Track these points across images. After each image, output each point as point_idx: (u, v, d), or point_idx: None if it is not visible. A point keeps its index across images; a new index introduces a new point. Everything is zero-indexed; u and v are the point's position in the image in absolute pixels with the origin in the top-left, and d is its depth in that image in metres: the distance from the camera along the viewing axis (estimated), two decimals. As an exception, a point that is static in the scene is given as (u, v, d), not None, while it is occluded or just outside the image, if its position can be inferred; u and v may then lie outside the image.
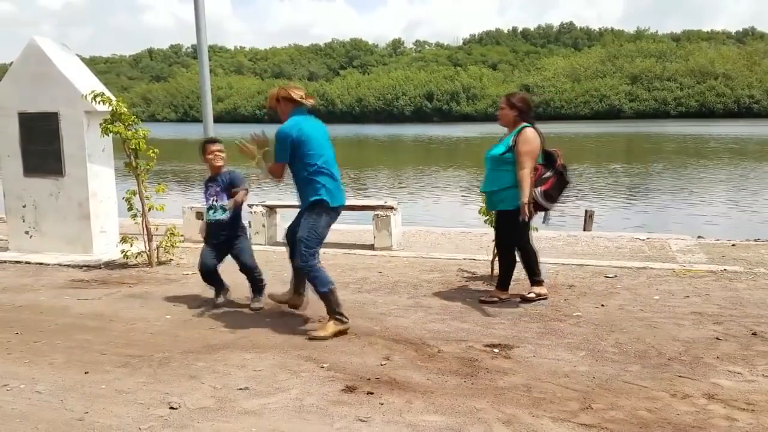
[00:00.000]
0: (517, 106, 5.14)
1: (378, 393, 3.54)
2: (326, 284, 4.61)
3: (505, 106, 5.20)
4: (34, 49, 7.11)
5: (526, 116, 5.18)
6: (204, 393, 3.58)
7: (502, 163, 5.12)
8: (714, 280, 5.89)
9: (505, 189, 5.12)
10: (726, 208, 15.12)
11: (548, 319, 4.85)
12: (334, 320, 4.56)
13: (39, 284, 6.17)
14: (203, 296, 5.64)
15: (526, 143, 5.00)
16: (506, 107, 5.18)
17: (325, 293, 4.60)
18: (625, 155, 34.18)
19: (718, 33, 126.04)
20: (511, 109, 5.15)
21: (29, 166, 7.29)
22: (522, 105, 5.17)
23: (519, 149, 5.00)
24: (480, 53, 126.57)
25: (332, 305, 4.58)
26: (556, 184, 5.11)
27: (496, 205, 5.24)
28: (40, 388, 3.71)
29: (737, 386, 3.58)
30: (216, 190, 5.37)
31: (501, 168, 5.13)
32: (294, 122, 4.62)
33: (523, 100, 5.22)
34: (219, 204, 5.35)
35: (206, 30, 8.35)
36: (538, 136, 5.08)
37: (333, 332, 4.50)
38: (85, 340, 4.52)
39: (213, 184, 5.40)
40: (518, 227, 5.15)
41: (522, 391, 3.55)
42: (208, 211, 5.41)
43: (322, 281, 4.61)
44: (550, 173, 5.12)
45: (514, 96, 5.26)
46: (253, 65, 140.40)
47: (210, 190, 5.40)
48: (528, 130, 5.07)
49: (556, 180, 5.12)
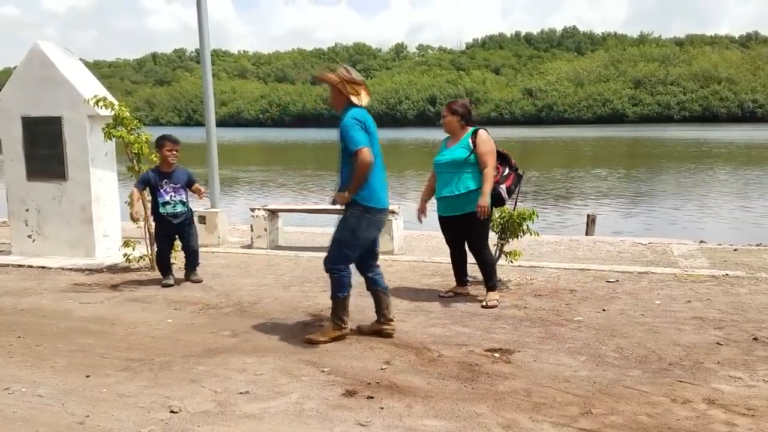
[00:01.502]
0: (459, 112, 5.41)
1: (378, 397, 3.55)
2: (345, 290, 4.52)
3: (447, 113, 5.45)
4: (38, 53, 7.14)
5: (469, 120, 5.45)
6: (204, 397, 3.58)
7: (466, 166, 5.28)
8: (716, 285, 5.88)
9: (473, 191, 5.27)
10: (728, 213, 15.10)
11: (549, 323, 4.85)
12: (333, 324, 4.52)
13: (41, 288, 6.19)
14: (205, 300, 5.65)
15: (486, 143, 5.30)
16: (449, 114, 5.44)
17: (338, 298, 4.54)
18: (628, 159, 34.14)
19: (721, 37, 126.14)
20: (453, 115, 5.41)
21: (32, 170, 7.32)
22: (463, 110, 5.44)
23: (481, 150, 5.27)
24: (483, 57, 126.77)
25: (339, 311, 4.52)
26: (515, 180, 5.51)
27: (464, 208, 5.33)
28: (41, 392, 3.72)
29: (738, 391, 3.58)
30: (173, 187, 6.14)
31: (465, 171, 5.29)
32: (360, 113, 4.34)
33: (464, 105, 5.51)
34: (178, 199, 6.17)
35: (209, 34, 8.37)
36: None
37: (330, 337, 4.47)
38: (86, 344, 4.53)
39: (165, 181, 6.12)
40: (486, 228, 5.49)
41: (522, 396, 3.55)
42: (164, 205, 6.12)
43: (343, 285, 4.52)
44: (508, 171, 5.49)
45: (455, 103, 5.52)
46: (256, 69, 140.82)
47: (165, 186, 6.11)
48: (482, 131, 5.36)
49: (515, 176, 5.52)
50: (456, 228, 5.52)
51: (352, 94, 4.35)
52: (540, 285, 6.02)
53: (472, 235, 5.43)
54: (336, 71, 4.40)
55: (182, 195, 6.19)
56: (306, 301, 5.56)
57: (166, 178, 6.13)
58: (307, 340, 4.47)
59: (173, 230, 6.24)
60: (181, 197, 6.18)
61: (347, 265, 4.50)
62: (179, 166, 6.26)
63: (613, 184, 21.58)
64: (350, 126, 4.23)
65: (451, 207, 5.42)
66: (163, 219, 6.16)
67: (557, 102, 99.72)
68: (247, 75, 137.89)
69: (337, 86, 4.35)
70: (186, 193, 6.25)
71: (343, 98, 4.38)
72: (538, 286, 5.99)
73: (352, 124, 4.23)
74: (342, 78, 4.34)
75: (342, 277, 4.48)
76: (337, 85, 4.35)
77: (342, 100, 4.39)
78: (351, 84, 4.35)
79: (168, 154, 6.12)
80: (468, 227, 5.39)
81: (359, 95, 4.37)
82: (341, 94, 4.37)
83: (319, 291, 5.90)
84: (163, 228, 6.22)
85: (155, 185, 6.11)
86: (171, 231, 6.24)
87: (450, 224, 5.54)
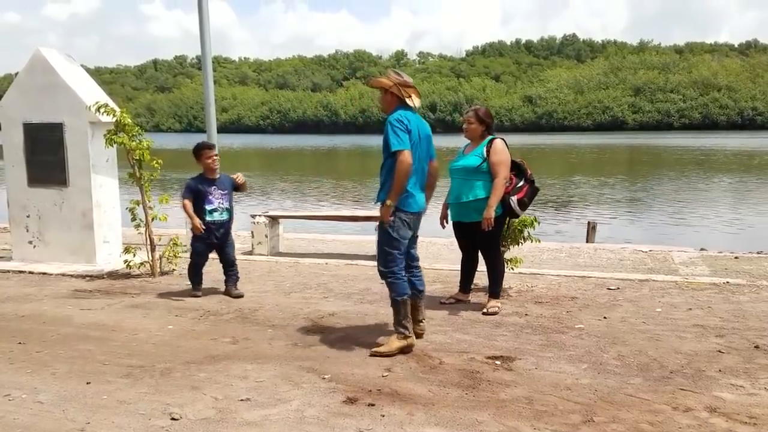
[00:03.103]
0: (486, 122, 5.38)
1: (379, 405, 3.54)
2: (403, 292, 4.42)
3: (474, 120, 5.39)
4: (40, 59, 7.16)
5: (491, 129, 5.45)
6: (205, 404, 3.58)
7: (478, 174, 5.26)
8: (716, 293, 5.88)
9: (481, 199, 5.25)
10: (729, 221, 15.10)
11: (550, 331, 4.85)
12: (398, 334, 4.36)
13: (42, 294, 6.19)
14: (206, 307, 5.64)
15: (499, 153, 5.24)
16: (475, 122, 5.38)
17: (397, 302, 4.41)
18: (628, 167, 34.17)
19: (721, 45, 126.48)
20: (480, 124, 5.38)
21: (33, 176, 7.32)
22: (489, 120, 5.42)
23: (493, 159, 5.22)
24: (483, 65, 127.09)
25: (401, 318, 4.40)
26: (529, 192, 5.41)
27: (471, 216, 5.31)
28: (42, 398, 3.71)
29: (739, 399, 3.57)
30: (221, 193, 5.94)
31: (476, 179, 5.27)
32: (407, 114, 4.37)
33: (489, 114, 5.47)
34: (225, 206, 5.97)
35: (210, 41, 8.39)
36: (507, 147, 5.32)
37: (396, 348, 4.31)
38: (87, 350, 4.53)
39: (214, 188, 5.92)
40: (497, 236, 5.43)
41: (523, 404, 3.55)
42: (211, 212, 5.90)
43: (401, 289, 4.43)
44: (523, 182, 5.40)
45: (480, 110, 5.47)
46: (257, 76, 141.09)
47: (214, 193, 5.91)
48: (498, 141, 5.31)
49: (529, 188, 5.41)
50: (465, 233, 5.51)
51: (406, 97, 4.39)
52: (541, 292, 6.02)
53: (482, 243, 5.42)
54: (388, 76, 4.47)
55: (228, 201, 6.01)
56: (307, 308, 5.55)
57: (214, 185, 5.95)
58: (372, 353, 4.31)
59: (215, 240, 6.00)
60: (228, 204, 6.00)
61: (399, 266, 4.43)
62: (222, 172, 6.10)
63: (613, 191, 21.60)
64: (393, 126, 4.25)
65: (460, 213, 5.43)
66: (208, 227, 5.90)
67: (557, 109, 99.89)
68: (247, 81, 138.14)
69: (390, 90, 4.40)
70: (231, 199, 6.07)
71: (395, 101, 4.42)
72: (539, 293, 5.99)
73: (395, 124, 4.25)
74: (395, 82, 4.39)
75: (397, 280, 4.41)
76: (391, 88, 4.39)
77: (395, 102, 4.43)
78: (404, 87, 4.40)
79: (210, 162, 5.92)
80: (475, 234, 5.37)
81: (411, 97, 4.41)
82: (394, 97, 4.42)
83: (320, 298, 5.90)
84: (206, 236, 5.93)
85: (204, 193, 5.88)
86: (213, 240, 5.99)
87: (460, 229, 5.55)
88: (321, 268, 7.23)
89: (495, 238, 5.41)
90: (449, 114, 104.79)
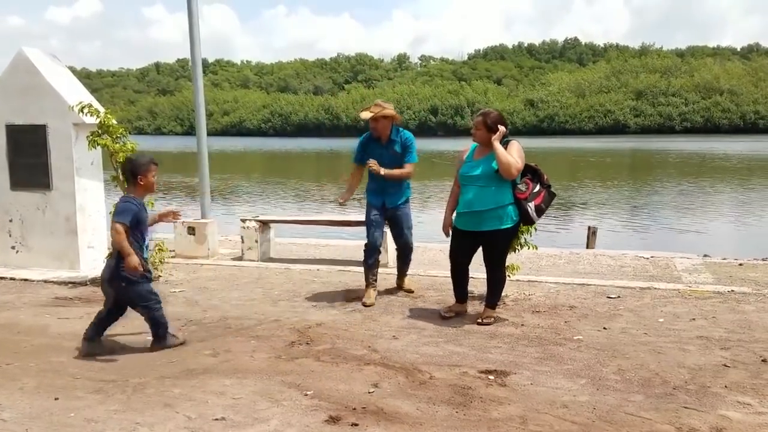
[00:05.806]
0: (494, 130, 5.01)
1: (363, 424, 3.32)
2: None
3: (482, 128, 5.07)
4: (23, 59, 6.94)
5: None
6: (177, 423, 3.35)
7: (500, 178, 4.96)
8: (721, 302, 5.65)
9: (502, 207, 4.97)
10: (733, 226, 14.86)
11: (547, 342, 4.62)
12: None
13: (21, 302, 5.96)
14: (188, 315, 5.42)
15: (516, 152, 4.99)
16: (483, 129, 5.06)
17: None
18: (630, 171, 33.92)
19: (723, 49, 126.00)
20: (489, 132, 5.03)
21: (16, 180, 7.09)
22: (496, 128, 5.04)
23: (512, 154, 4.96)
24: (485, 68, 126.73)
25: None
26: (546, 198, 5.14)
27: (489, 223, 5.01)
28: (5, 416, 3.50)
29: (747, 419, 3.35)
30: (148, 226, 4.59)
31: (497, 185, 4.97)
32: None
33: (500, 120, 5.09)
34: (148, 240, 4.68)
35: (200, 44, 8.24)
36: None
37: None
38: (59, 363, 4.30)
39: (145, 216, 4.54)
40: (508, 247, 5.23)
41: (517, 423, 3.32)
42: (145, 249, 4.60)
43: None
44: (539, 188, 5.12)
45: (490, 116, 5.10)
46: (259, 79, 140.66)
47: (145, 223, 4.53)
48: (514, 142, 5.06)
49: (546, 194, 5.14)
50: (472, 243, 5.19)
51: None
52: (538, 301, 5.79)
53: (496, 252, 5.13)
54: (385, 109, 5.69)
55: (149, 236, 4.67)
56: (294, 317, 5.32)
57: (144, 211, 4.53)
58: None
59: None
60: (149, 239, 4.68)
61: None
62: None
63: (614, 195, 21.35)
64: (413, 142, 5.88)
65: (472, 222, 5.07)
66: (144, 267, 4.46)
67: (559, 113, 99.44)
68: (249, 85, 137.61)
69: (396, 119, 5.76)
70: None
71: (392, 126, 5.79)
72: (537, 301, 5.76)
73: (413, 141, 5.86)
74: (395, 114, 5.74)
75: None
76: (396, 118, 5.76)
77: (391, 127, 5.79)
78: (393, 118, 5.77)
79: (154, 181, 4.61)
80: (490, 243, 5.10)
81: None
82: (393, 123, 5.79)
83: (308, 306, 5.68)
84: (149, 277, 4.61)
85: (144, 222, 4.51)
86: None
87: (468, 239, 5.19)
88: (312, 274, 7.00)
89: (506, 249, 5.20)
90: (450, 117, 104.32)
